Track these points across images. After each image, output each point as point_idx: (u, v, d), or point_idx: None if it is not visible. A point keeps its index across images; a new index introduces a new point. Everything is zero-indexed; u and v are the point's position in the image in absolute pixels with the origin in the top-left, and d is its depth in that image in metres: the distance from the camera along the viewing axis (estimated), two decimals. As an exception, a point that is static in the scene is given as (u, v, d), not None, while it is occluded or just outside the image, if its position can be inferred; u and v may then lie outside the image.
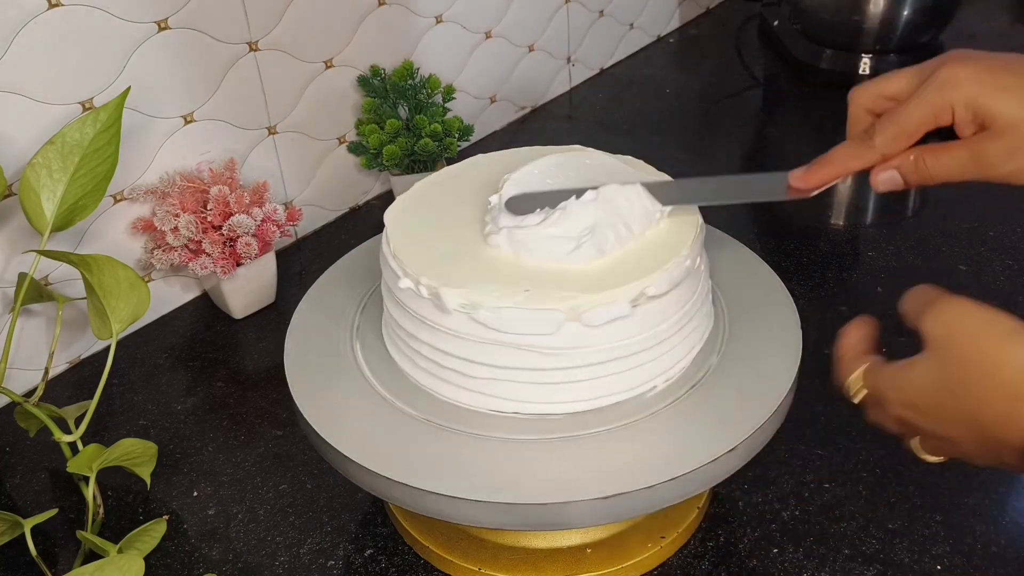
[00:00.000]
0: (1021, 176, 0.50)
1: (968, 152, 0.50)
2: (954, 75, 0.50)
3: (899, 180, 0.53)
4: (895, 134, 0.52)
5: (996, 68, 0.50)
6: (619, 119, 1.26)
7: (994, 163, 0.50)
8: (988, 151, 0.49)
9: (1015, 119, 0.49)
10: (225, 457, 0.76)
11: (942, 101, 0.50)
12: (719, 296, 0.65)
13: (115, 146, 0.75)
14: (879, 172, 0.53)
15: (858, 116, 0.55)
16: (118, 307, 0.69)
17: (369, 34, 1.00)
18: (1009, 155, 0.49)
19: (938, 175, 0.52)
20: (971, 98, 0.49)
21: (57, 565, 0.68)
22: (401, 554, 0.66)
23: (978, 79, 0.49)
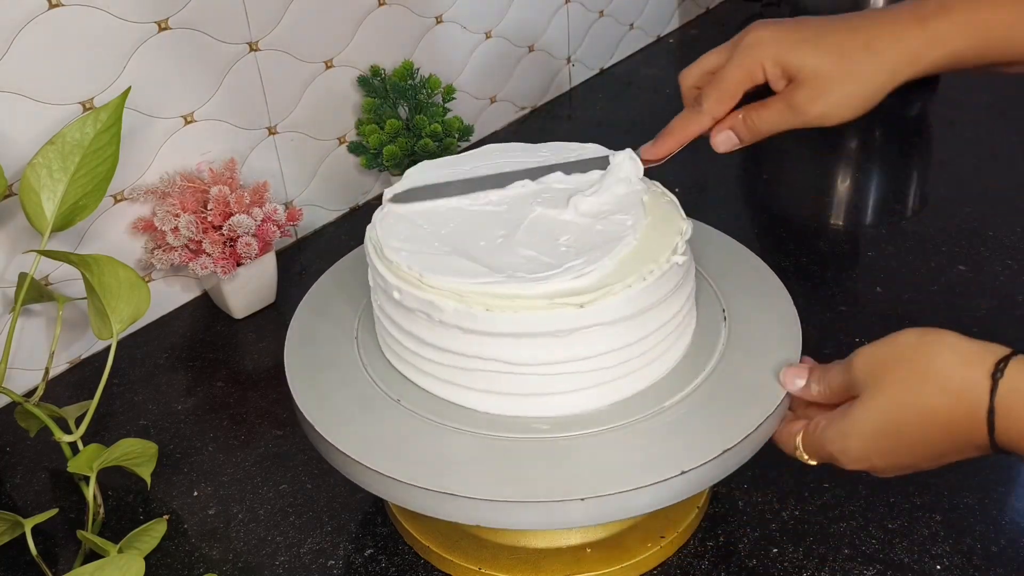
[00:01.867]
0: (829, 117, 0.56)
1: (783, 103, 0.56)
2: (759, 37, 0.56)
3: (734, 138, 0.59)
4: (718, 96, 0.58)
5: (795, 25, 0.56)
6: (619, 119, 1.26)
7: (804, 108, 0.55)
8: (797, 98, 0.55)
9: (815, 67, 0.54)
10: (225, 457, 0.76)
11: (752, 61, 0.56)
12: (720, 296, 0.65)
13: (115, 146, 0.75)
14: (715, 134, 0.59)
15: (688, 94, 0.61)
16: (118, 307, 0.69)
17: (369, 34, 1.01)
18: (814, 99, 0.55)
19: (764, 128, 0.57)
20: (776, 54, 0.55)
21: (57, 565, 0.68)
22: (401, 554, 0.66)
23: (779, 37, 0.55)
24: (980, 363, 0.45)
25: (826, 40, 0.54)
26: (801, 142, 1.19)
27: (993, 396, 0.44)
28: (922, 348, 0.48)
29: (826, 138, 1.14)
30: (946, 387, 0.46)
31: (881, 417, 0.49)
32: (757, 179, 1.12)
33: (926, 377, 0.47)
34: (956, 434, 0.47)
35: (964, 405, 0.45)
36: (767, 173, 1.13)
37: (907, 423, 0.48)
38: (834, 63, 0.54)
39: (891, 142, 1.15)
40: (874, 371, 0.49)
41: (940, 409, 0.46)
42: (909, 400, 0.47)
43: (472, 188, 0.63)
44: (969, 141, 1.13)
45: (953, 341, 0.47)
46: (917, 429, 0.48)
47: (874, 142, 1.16)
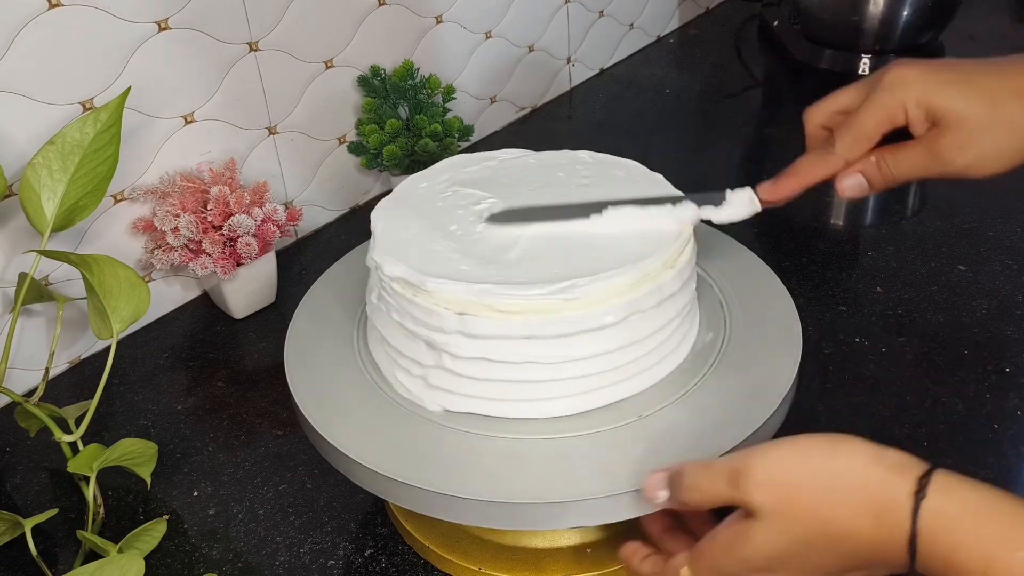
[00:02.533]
0: (975, 168, 0.51)
1: (924, 149, 0.52)
2: (902, 76, 0.51)
3: (864, 184, 0.54)
4: (854, 139, 0.53)
5: (940, 66, 0.52)
6: (619, 119, 1.26)
7: (949, 157, 0.51)
8: (942, 146, 0.51)
9: (963, 112, 0.50)
10: (225, 457, 0.76)
11: (894, 102, 0.51)
12: (720, 296, 0.65)
13: (115, 146, 0.75)
14: (844, 178, 0.55)
15: (814, 134, 0.57)
16: (118, 307, 0.69)
17: (369, 34, 1.01)
18: (962, 148, 0.50)
19: (899, 174, 0.53)
20: (920, 96, 0.51)
21: (57, 565, 0.68)
22: (401, 554, 0.66)
23: (924, 78, 0.51)
24: (900, 482, 0.41)
25: (976, 84, 0.50)
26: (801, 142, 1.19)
27: (915, 521, 0.40)
28: (836, 467, 0.43)
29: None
30: (865, 510, 0.42)
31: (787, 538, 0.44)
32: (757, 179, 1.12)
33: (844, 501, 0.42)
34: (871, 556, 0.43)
35: (885, 528, 0.41)
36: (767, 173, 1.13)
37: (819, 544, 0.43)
38: (986, 109, 0.50)
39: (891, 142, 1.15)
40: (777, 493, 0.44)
41: (859, 532, 0.42)
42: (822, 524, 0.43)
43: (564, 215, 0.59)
44: (969, 141, 1.13)
45: (868, 456, 0.43)
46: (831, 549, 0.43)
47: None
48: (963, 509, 0.40)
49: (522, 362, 0.55)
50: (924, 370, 0.78)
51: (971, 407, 0.74)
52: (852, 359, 0.80)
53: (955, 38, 1.33)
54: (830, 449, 0.44)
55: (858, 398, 0.76)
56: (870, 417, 0.74)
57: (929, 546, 0.40)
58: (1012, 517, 0.39)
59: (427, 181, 0.65)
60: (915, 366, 0.79)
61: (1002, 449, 0.71)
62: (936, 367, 0.79)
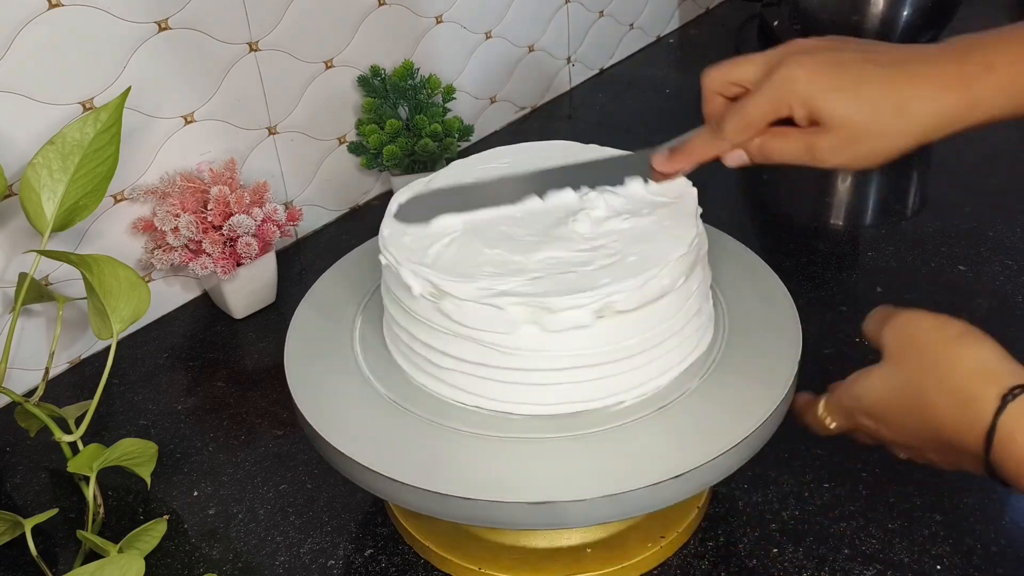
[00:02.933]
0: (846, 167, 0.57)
1: (802, 142, 0.55)
2: (792, 75, 0.54)
3: (745, 158, 0.59)
4: (742, 126, 0.57)
5: (831, 67, 0.54)
6: (619, 119, 1.26)
7: (824, 157, 0.54)
8: (819, 144, 0.54)
9: (843, 118, 0.53)
10: (225, 457, 0.76)
11: (781, 96, 0.54)
12: (719, 296, 0.65)
13: (115, 146, 0.75)
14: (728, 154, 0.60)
15: (710, 97, 0.60)
16: (118, 307, 0.69)
17: (369, 34, 1.01)
18: (836, 150, 0.54)
19: (777, 158, 0.57)
20: (806, 98, 0.53)
21: (57, 565, 0.68)
22: (401, 554, 0.66)
23: (813, 79, 0.53)
24: (997, 382, 0.45)
25: (861, 92, 0.52)
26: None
27: (997, 417, 0.44)
28: (954, 347, 0.48)
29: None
30: (957, 394, 0.46)
31: (892, 386, 0.50)
32: (757, 179, 1.12)
33: (944, 377, 0.47)
34: (957, 439, 0.47)
35: (968, 416, 0.46)
36: (767, 173, 1.13)
37: (912, 406, 0.48)
38: (866, 119, 0.52)
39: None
40: (902, 343, 0.50)
41: (947, 411, 0.47)
42: (921, 390, 0.48)
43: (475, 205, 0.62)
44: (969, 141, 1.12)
45: (984, 353, 0.47)
46: (923, 418, 0.48)
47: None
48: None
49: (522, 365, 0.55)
50: (924, 370, 0.78)
51: (971, 407, 0.74)
52: (853, 359, 0.80)
53: (955, 38, 1.33)
54: (959, 334, 0.48)
55: (858, 398, 0.76)
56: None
57: (1004, 445, 0.44)
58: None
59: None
60: (915, 366, 0.79)
61: (1002, 449, 0.71)
62: (936, 367, 0.79)
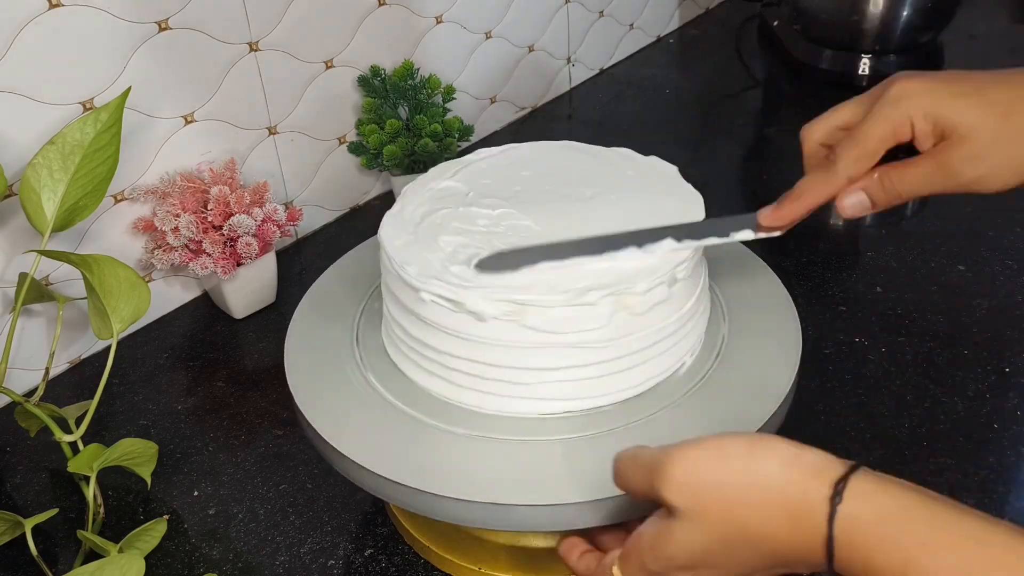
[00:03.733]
0: (986, 182, 0.49)
1: (932, 163, 0.49)
2: (907, 89, 0.49)
3: (867, 202, 0.52)
4: (857, 156, 0.51)
5: (947, 78, 0.49)
6: (619, 119, 1.26)
7: (958, 171, 0.49)
8: (951, 159, 0.49)
9: (974, 124, 0.48)
10: (225, 457, 0.76)
11: (899, 115, 0.49)
12: (719, 296, 0.65)
13: (116, 146, 0.75)
14: (845, 196, 0.52)
15: (813, 152, 0.55)
16: (119, 307, 0.69)
17: (369, 34, 1.01)
18: (972, 161, 0.48)
19: (904, 191, 0.51)
20: (928, 108, 0.49)
21: (57, 565, 0.68)
22: (401, 554, 0.66)
23: (932, 89, 0.49)
24: (817, 486, 0.41)
25: (987, 95, 0.48)
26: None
27: (832, 525, 0.40)
28: (752, 467, 0.43)
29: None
30: (781, 513, 0.42)
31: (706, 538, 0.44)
32: (757, 179, 1.12)
33: (759, 505, 0.42)
34: (791, 554, 0.43)
35: (801, 531, 0.41)
36: (767, 173, 1.13)
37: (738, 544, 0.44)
38: (998, 121, 0.47)
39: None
40: (692, 493, 0.44)
41: (776, 535, 0.42)
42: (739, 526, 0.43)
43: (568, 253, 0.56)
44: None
45: (786, 457, 0.43)
46: (749, 549, 0.44)
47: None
48: (880, 514, 0.40)
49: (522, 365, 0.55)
50: (924, 370, 0.79)
51: (971, 407, 0.74)
52: (852, 359, 0.80)
53: (955, 38, 1.33)
54: (748, 450, 0.43)
55: (858, 398, 0.76)
56: (870, 417, 0.74)
57: (846, 549, 0.40)
58: (929, 522, 0.39)
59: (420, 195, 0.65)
60: (915, 366, 0.79)
61: (1002, 449, 0.71)
62: (936, 367, 0.79)
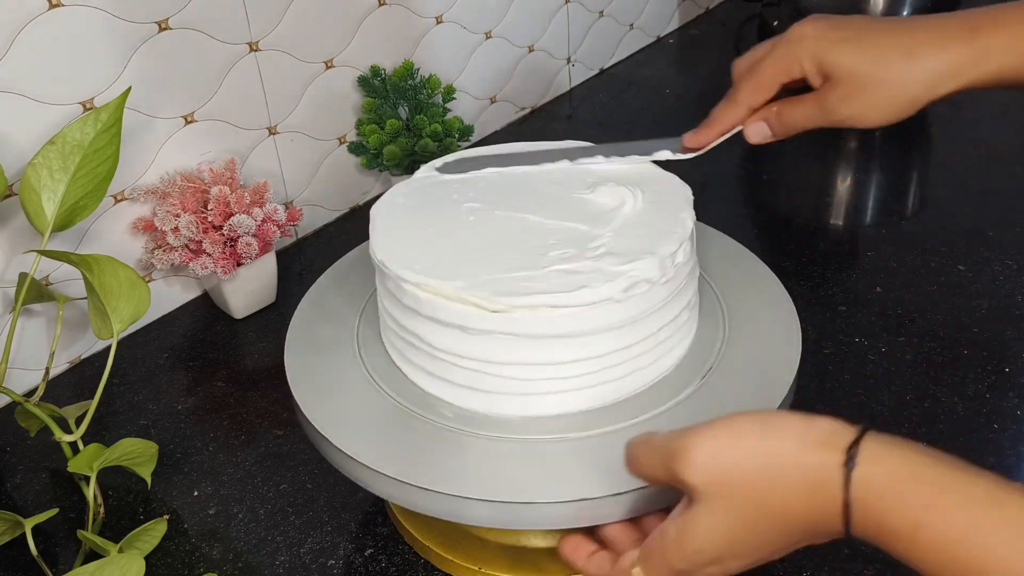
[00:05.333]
0: (860, 119, 0.55)
1: (813, 100, 0.55)
2: (801, 32, 0.55)
3: (766, 130, 0.59)
4: (753, 86, 0.58)
5: (839, 24, 0.55)
6: (619, 119, 1.26)
7: (834, 108, 0.54)
8: (829, 98, 0.54)
9: (850, 67, 0.53)
10: (226, 457, 0.76)
11: (791, 55, 0.55)
12: (719, 296, 0.65)
13: (116, 146, 0.75)
14: (749, 124, 0.60)
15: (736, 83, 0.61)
16: (119, 307, 0.69)
17: (369, 34, 1.01)
18: (846, 101, 0.54)
19: (794, 123, 0.57)
20: (814, 51, 0.54)
21: (58, 565, 0.68)
22: (401, 553, 0.66)
23: (821, 34, 0.55)
24: (830, 455, 0.42)
25: (866, 41, 0.53)
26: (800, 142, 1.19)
27: (848, 492, 0.41)
28: (767, 445, 0.44)
29: (826, 138, 1.15)
30: (798, 486, 0.43)
31: (730, 520, 0.44)
32: (757, 179, 1.12)
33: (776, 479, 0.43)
34: (811, 527, 0.44)
35: (819, 501, 0.42)
36: (767, 173, 1.13)
37: (761, 524, 0.44)
38: (870, 66, 0.53)
39: (891, 142, 1.15)
40: (712, 473, 0.44)
41: (795, 508, 0.43)
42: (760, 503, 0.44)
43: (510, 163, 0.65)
44: (969, 141, 1.13)
45: (798, 430, 0.44)
46: (772, 527, 0.44)
47: (874, 142, 1.16)
48: (892, 476, 0.41)
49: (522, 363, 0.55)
50: (924, 370, 0.79)
51: (971, 407, 0.74)
52: (852, 359, 0.80)
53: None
54: (761, 428, 0.44)
55: (858, 398, 0.76)
56: (870, 417, 0.74)
57: (862, 513, 0.41)
58: (938, 483, 0.40)
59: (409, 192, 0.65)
60: (915, 366, 0.79)
61: (1002, 449, 0.71)
62: (936, 367, 0.79)
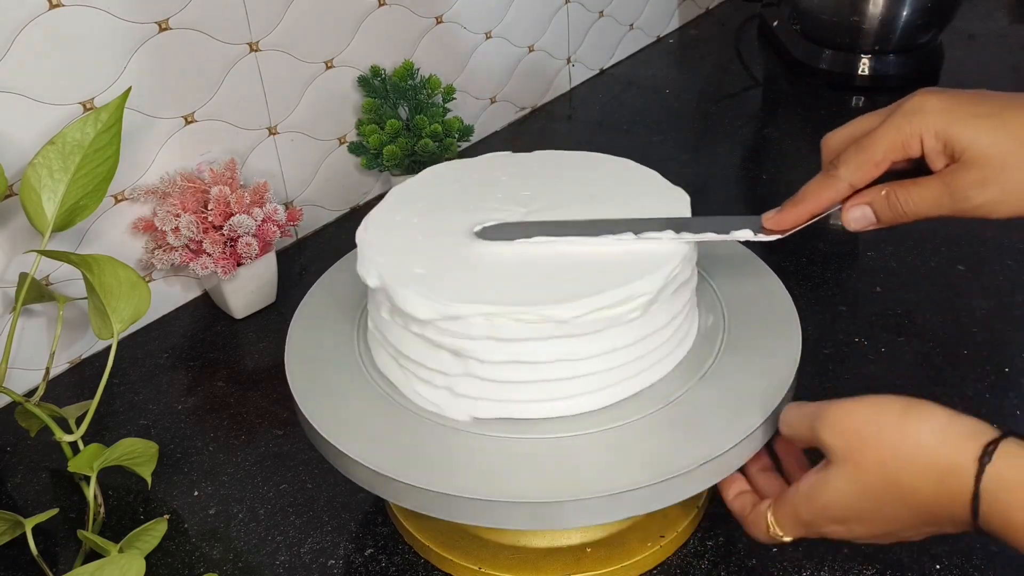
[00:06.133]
0: (994, 208, 0.48)
1: (940, 184, 0.49)
2: (923, 104, 0.49)
3: (872, 217, 0.52)
4: (860, 162, 0.51)
5: (967, 98, 0.49)
6: (619, 119, 1.26)
7: (966, 195, 0.48)
8: (960, 182, 0.48)
9: (987, 147, 0.47)
10: (226, 457, 0.76)
11: (910, 128, 0.49)
12: (719, 296, 0.65)
13: (116, 146, 0.75)
14: (850, 208, 0.52)
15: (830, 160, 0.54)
16: (119, 307, 0.69)
17: (369, 34, 1.01)
18: (981, 185, 0.48)
19: (910, 210, 0.50)
20: (941, 126, 0.48)
21: (58, 565, 0.68)
22: (401, 553, 0.66)
23: (947, 108, 0.48)
24: (967, 447, 0.43)
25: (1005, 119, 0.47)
26: (801, 142, 1.20)
27: (979, 482, 0.42)
28: (906, 427, 0.45)
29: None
30: (930, 471, 0.44)
31: (859, 487, 0.46)
32: (757, 179, 1.12)
33: (910, 460, 0.44)
34: (938, 512, 0.45)
35: (948, 489, 0.43)
36: (767, 173, 1.13)
37: (887, 498, 0.46)
38: (1013, 147, 0.46)
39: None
40: (850, 442, 0.46)
41: (923, 491, 0.44)
42: (890, 479, 0.45)
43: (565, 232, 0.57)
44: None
45: (938, 419, 0.45)
46: (898, 503, 0.46)
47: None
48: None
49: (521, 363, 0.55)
50: (924, 370, 0.79)
51: (971, 407, 0.74)
52: (852, 359, 0.80)
53: (955, 38, 1.33)
54: (903, 411, 0.46)
55: (858, 398, 0.76)
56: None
57: (991, 506, 0.42)
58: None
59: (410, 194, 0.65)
60: (915, 366, 0.79)
61: (1001, 449, 0.71)
62: (936, 367, 0.79)
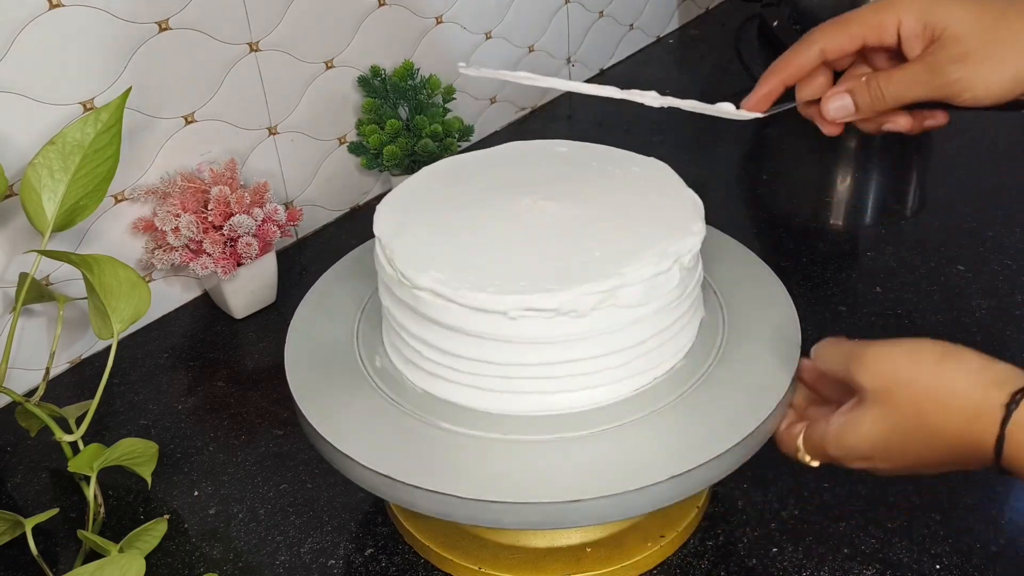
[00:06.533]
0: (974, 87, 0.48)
1: (920, 63, 0.49)
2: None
3: (851, 105, 0.52)
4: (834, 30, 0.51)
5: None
6: (619, 119, 1.25)
7: (946, 70, 0.48)
8: (940, 59, 0.48)
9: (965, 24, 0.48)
10: (226, 457, 0.76)
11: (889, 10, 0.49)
12: (719, 296, 0.65)
13: (116, 146, 0.75)
14: (829, 98, 0.52)
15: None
16: (119, 307, 0.69)
17: (369, 34, 1.01)
18: (962, 59, 0.48)
19: (890, 93, 0.50)
20: (921, 9, 0.48)
21: (58, 565, 0.68)
22: (401, 553, 0.66)
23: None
24: (997, 394, 0.45)
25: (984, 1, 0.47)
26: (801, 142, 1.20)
27: (1004, 426, 0.44)
28: (942, 371, 0.47)
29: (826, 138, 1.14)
30: (960, 414, 0.46)
31: (888, 426, 0.48)
32: (757, 179, 1.12)
33: (942, 403, 0.46)
34: (962, 452, 0.47)
35: (975, 429, 0.45)
36: (767, 173, 1.13)
37: (915, 436, 0.48)
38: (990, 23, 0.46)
39: (891, 142, 1.15)
40: (885, 382, 0.48)
41: (950, 430, 0.46)
42: (920, 419, 0.47)
43: None
44: (969, 141, 1.13)
45: (970, 364, 0.46)
46: (924, 443, 0.48)
47: (874, 142, 1.16)
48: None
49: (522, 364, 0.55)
50: (924, 370, 0.79)
51: (970, 407, 0.74)
52: (852, 359, 0.80)
53: (955, 38, 1.33)
54: (940, 357, 0.47)
55: (858, 398, 0.76)
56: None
57: (1014, 449, 0.44)
58: None
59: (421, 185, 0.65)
60: (915, 366, 0.79)
61: (1001, 449, 0.71)
62: (936, 367, 0.79)
